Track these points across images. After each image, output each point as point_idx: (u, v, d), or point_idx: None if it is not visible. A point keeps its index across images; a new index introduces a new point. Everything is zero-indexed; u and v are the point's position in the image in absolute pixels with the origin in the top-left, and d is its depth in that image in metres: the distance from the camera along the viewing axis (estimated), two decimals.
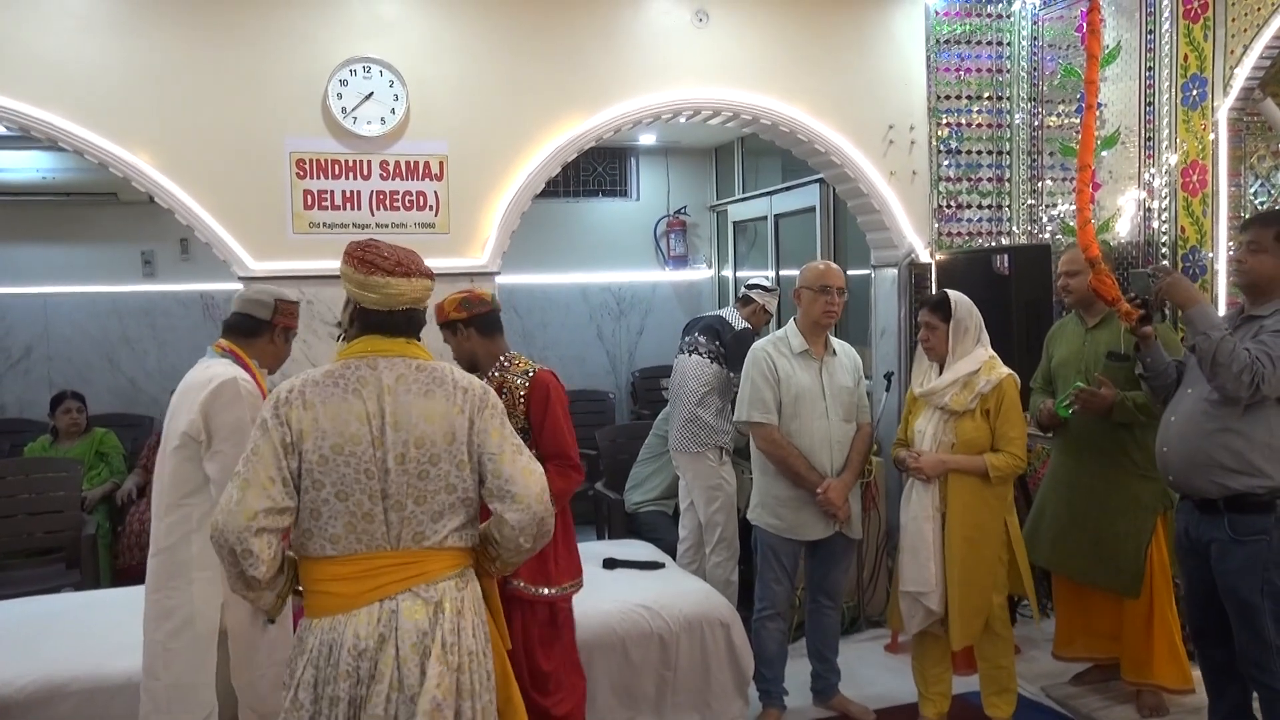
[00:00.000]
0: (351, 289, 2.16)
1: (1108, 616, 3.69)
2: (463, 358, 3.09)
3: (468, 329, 3.05)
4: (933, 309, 3.40)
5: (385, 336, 2.15)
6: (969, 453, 3.31)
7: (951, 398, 3.31)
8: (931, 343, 3.39)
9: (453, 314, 3.06)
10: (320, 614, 2.02)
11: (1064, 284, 3.76)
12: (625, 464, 5.18)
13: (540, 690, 3.00)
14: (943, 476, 3.32)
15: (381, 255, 2.16)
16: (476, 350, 3.07)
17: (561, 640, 3.08)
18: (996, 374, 3.31)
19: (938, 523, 3.32)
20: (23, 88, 3.80)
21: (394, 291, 2.15)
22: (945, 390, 3.32)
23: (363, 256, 2.14)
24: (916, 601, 3.36)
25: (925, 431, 3.37)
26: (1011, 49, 4.96)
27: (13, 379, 6.62)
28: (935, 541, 3.32)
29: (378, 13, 4.19)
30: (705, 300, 7.76)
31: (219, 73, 4.02)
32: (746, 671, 3.57)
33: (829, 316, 3.58)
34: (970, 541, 3.31)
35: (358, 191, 4.20)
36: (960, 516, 3.31)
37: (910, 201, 4.89)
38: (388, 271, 2.14)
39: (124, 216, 6.60)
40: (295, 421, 2.00)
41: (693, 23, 4.56)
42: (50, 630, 3.20)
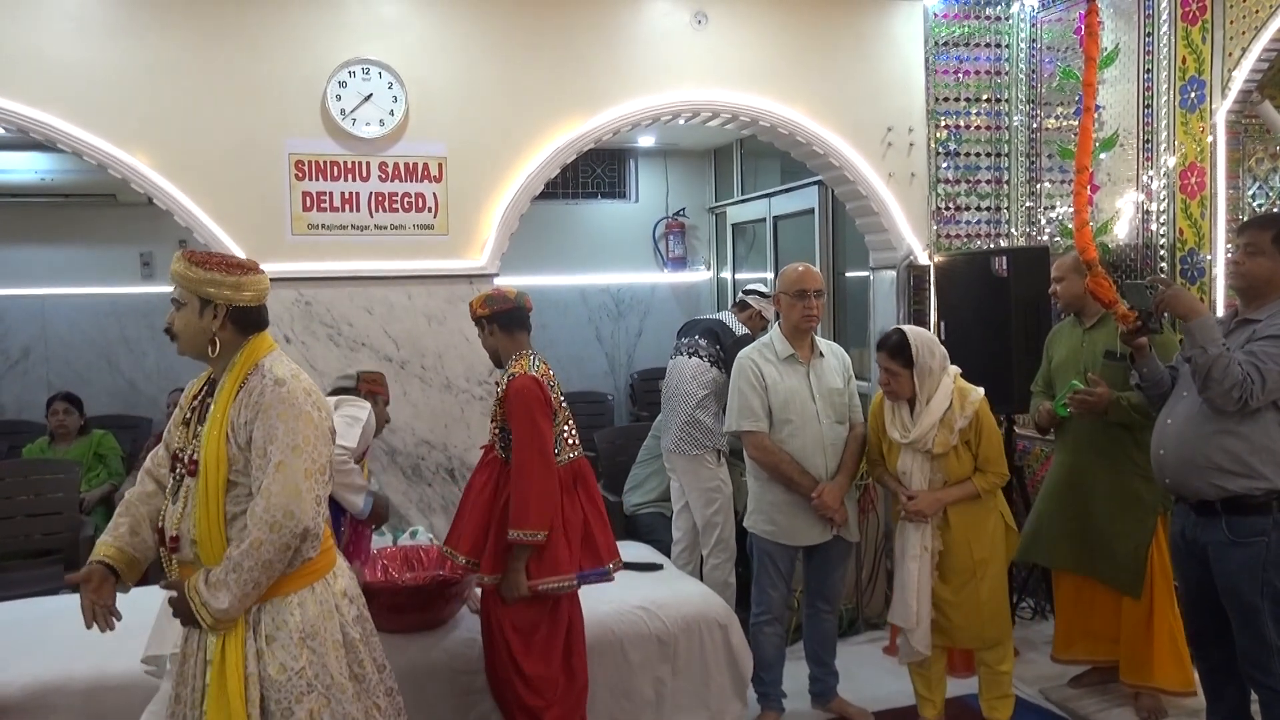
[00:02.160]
0: (224, 292, 2.24)
1: (1108, 618, 3.69)
2: (490, 352, 3.21)
3: (491, 324, 3.15)
4: (891, 355, 3.29)
5: (263, 333, 2.33)
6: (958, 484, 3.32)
7: (935, 441, 3.27)
8: (894, 388, 3.30)
9: (479, 310, 3.17)
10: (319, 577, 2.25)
11: (1053, 289, 3.78)
12: (624, 466, 5.18)
13: (530, 691, 2.99)
14: (937, 514, 3.31)
15: (230, 257, 2.34)
16: (499, 345, 3.16)
17: (550, 641, 3.04)
18: (970, 403, 3.26)
19: (925, 561, 3.32)
20: (21, 89, 3.81)
21: (264, 287, 2.31)
22: (926, 435, 3.27)
23: (222, 260, 2.28)
24: (906, 636, 3.40)
25: (911, 473, 3.33)
26: (1010, 51, 4.96)
27: (11, 380, 6.63)
28: (921, 580, 3.31)
29: (377, 14, 4.19)
30: (704, 302, 7.77)
31: (218, 74, 4.02)
32: (745, 673, 3.57)
33: (808, 321, 3.56)
34: (985, 578, 3.32)
35: (356, 193, 4.20)
36: (969, 553, 3.31)
37: (909, 203, 4.89)
38: (253, 269, 2.30)
39: (122, 218, 6.60)
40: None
41: (692, 24, 4.57)
42: (48, 631, 3.19)
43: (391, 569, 3.50)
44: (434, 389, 4.30)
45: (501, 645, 3.00)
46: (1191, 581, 3.03)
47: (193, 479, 2.20)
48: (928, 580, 3.32)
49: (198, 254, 2.27)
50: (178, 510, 2.23)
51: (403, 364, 4.27)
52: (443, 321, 4.28)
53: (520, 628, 2.99)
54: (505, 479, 3.00)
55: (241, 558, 2.12)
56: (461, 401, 4.35)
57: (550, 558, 2.96)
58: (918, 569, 3.31)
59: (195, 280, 2.23)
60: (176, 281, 2.26)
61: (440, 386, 4.31)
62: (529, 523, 2.89)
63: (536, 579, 2.95)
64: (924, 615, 3.31)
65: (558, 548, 2.97)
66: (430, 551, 3.58)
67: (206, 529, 2.17)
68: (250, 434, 2.18)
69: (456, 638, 3.27)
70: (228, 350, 2.25)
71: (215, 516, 2.17)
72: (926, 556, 3.31)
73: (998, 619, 3.38)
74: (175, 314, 2.28)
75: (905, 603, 3.34)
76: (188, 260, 2.25)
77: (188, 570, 2.22)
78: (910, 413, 3.32)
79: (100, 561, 2.30)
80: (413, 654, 3.18)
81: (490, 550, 2.98)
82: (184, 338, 2.27)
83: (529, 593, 2.94)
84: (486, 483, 3.04)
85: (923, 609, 3.31)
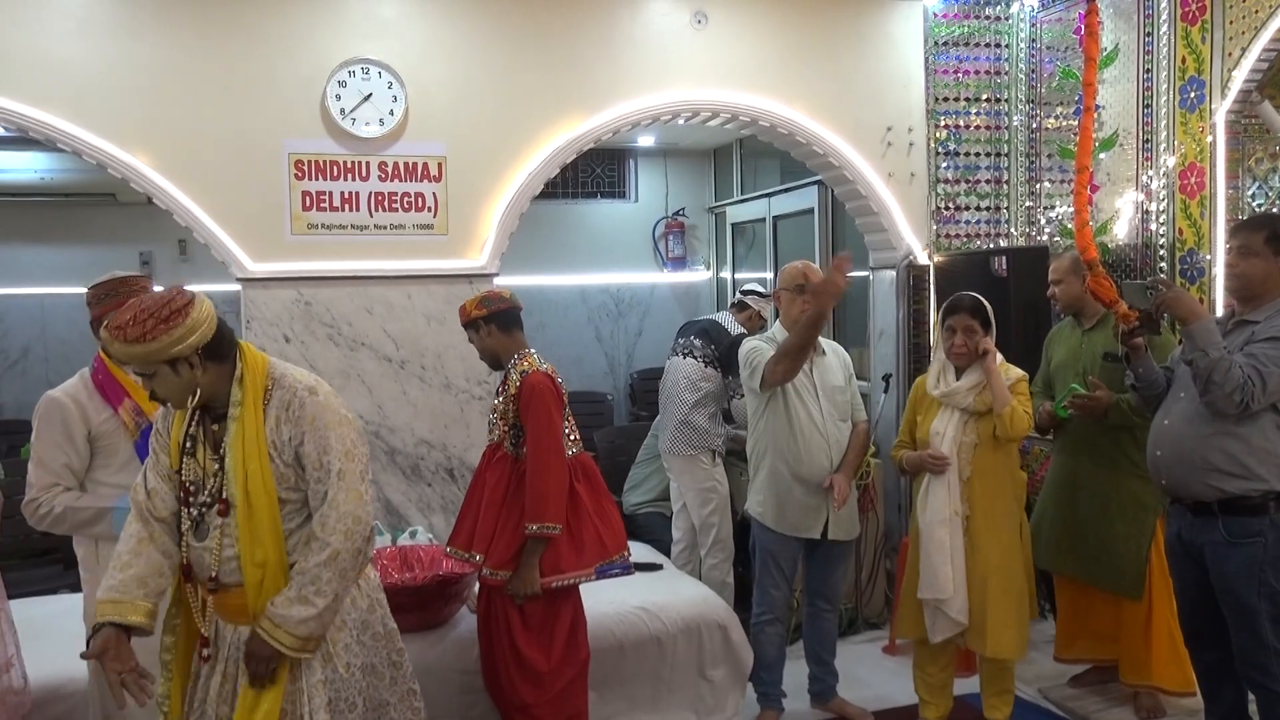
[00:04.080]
0: (186, 343, 2.11)
1: (1108, 618, 3.69)
2: (486, 354, 3.20)
3: (489, 325, 3.16)
4: (973, 313, 3.31)
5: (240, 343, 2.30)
6: (992, 450, 3.30)
7: (975, 399, 3.29)
8: (970, 346, 3.30)
9: (474, 312, 3.16)
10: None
11: (1051, 291, 3.77)
12: (623, 465, 5.18)
13: (528, 685, 3.01)
14: (963, 479, 3.30)
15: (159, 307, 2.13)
16: (497, 346, 3.18)
17: (553, 634, 3.06)
18: (1011, 374, 3.31)
19: (956, 526, 3.29)
20: (21, 88, 3.80)
21: (211, 310, 2.21)
22: (968, 392, 3.30)
23: (157, 317, 2.10)
24: (938, 610, 3.31)
25: (944, 433, 3.32)
26: (1010, 51, 4.96)
27: (10, 380, 6.63)
28: (954, 545, 3.27)
29: (376, 14, 4.19)
30: (704, 302, 7.77)
31: (218, 73, 4.02)
32: (744, 673, 3.57)
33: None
34: (1006, 546, 3.31)
35: (356, 193, 4.20)
36: (994, 518, 3.30)
37: (909, 203, 4.89)
38: (189, 303, 2.16)
39: (122, 217, 6.60)
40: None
41: (691, 24, 4.57)
42: (48, 631, 3.19)
43: (391, 569, 3.50)
44: (433, 389, 4.30)
45: (504, 638, 3.02)
46: (1188, 582, 3.03)
47: (225, 518, 2.17)
48: (960, 545, 3.28)
49: (129, 329, 2.07)
50: (212, 546, 2.18)
51: (402, 364, 4.27)
52: (442, 321, 4.28)
53: (527, 622, 3.01)
54: (516, 475, 3.03)
55: (319, 570, 2.11)
56: (461, 401, 4.35)
57: (554, 555, 3.00)
58: (949, 535, 3.27)
59: (152, 353, 2.08)
60: (132, 362, 2.14)
61: (440, 386, 4.31)
62: (547, 515, 2.94)
63: (547, 576, 2.99)
64: (960, 582, 3.26)
65: (562, 544, 3.01)
66: (429, 551, 3.58)
67: (264, 555, 2.14)
68: (297, 449, 2.16)
69: (456, 637, 3.28)
70: (219, 382, 2.18)
71: (274, 542, 2.15)
72: (958, 521, 3.28)
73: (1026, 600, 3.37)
74: (152, 383, 2.15)
75: (936, 571, 3.26)
76: (128, 340, 2.06)
77: (232, 604, 2.19)
78: (956, 376, 3.35)
79: (110, 624, 2.11)
80: (412, 653, 3.13)
81: (501, 545, 2.99)
82: (175, 399, 2.17)
83: (540, 590, 2.97)
84: (499, 481, 3.06)
85: (958, 575, 3.26)
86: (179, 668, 2.26)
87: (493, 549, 3.00)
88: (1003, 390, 3.24)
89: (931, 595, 3.29)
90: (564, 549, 3.02)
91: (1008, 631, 3.30)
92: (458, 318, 3.26)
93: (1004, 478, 3.35)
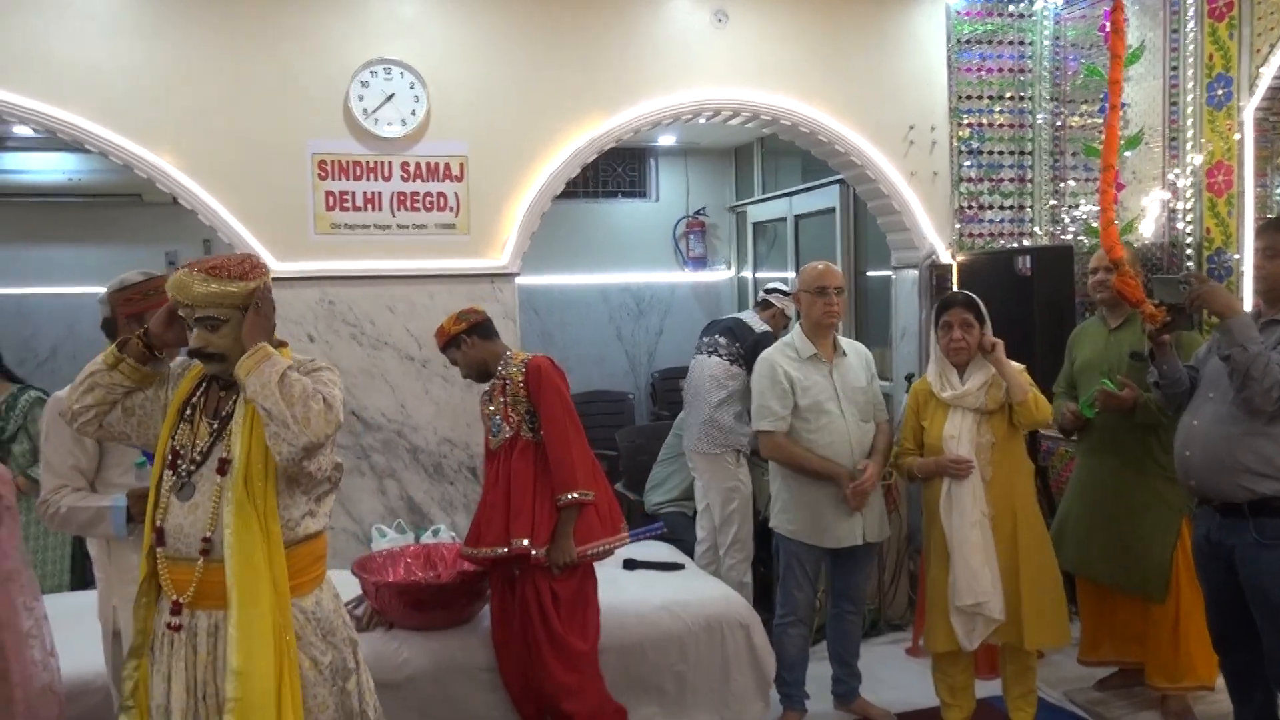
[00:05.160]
0: (267, 287, 2.21)
1: (1134, 620, 3.65)
2: (473, 366, 3.30)
3: (471, 337, 3.27)
4: (967, 306, 3.33)
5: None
6: (1007, 447, 3.29)
7: (987, 397, 3.28)
8: (968, 341, 3.30)
9: (454, 328, 3.27)
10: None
11: (1100, 279, 3.66)
12: (645, 464, 5.18)
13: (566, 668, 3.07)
14: (986, 480, 3.28)
15: (233, 256, 2.22)
16: (484, 354, 3.29)
17: (589, 615, 3.16)
18: (1016, 365, 3.30)
19: (986, 527, 3.26)
20: (48, 89, 3.85)
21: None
22: (979, 392, 3.29)
23: (241, 263, 2.18)
24: (975, 615, 3.26)
25: (960, 436, 3.29)
26: (1034, 49, 4.92)
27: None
28: (988, 547, 3.25)
29: (398, 14, 4.21)
30: (724, 301, 7.76)
31: (242, 74, 4.05)
32: (767, 673, 3.56)
33: (829, 317, 3.56)
34: (1038, 538, 3.30)
35: (379, 192, 4.22)
36: (1020, 514, 3.28)
37: (931, 202, 4.87)
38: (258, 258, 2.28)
39: (148, 218, 6.67)
40: None
41: (712, 23, 4.56)
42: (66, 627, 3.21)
43: (415, 567, 3.52)
44: (455, 388, 4.32)
45: (539, 624, 3.06)
46: (1217, 585, 3.00)
47: (223, 476, 2.12)
48: (992, 544, 3.25)
49: (230, 266, 2.12)
50: (205, 508, 2.13)
51: (424, 363, 4.29)
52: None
53: (559, 604, 3.08)
54: (542, 458, 3.12)
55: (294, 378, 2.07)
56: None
57: (585, 524, 3.10)
58: (981, 535, 3.24)
59: (236, 293, 2.10)
60: (211, 302, 2.10)
61: (462, 385, 4.32)
62: (578, 483, 3.06)
63: (581, 545, 3.08)
64: (997, 581, 3.24)
65: (591, 514, 3.12)
66: (452, 549, 3.59)
67: (257, 524, 2.08)
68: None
69: (482, 635, 3.29)
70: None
71: (268, 510, 2.11)
72: (986, 522, 3.26)
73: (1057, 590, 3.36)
74: (210, 335, 2.11)
75: (974, 574, 3.21)
76: (231, 276, 2.10)
77: (211, 581, 2.10)
78: (959, 377, 3.34)
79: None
80: (436, 651, 3.20)
81: (543, 524, 3.06)
82: (236, 355, 2.12)
83: (577, 559, 3.05)
84: (526, 467, 3.13)
85: (995, 574, 3.24)
86: (146, 654, 2.19)
87: (536, 529, 3.05)
88: (1018, 379, 3.23)
89: (972, 600, 3.23)
90: (593, 518, 3.12)
91: (1044, 621, 3.28)
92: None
93: (1021, 471, 3.35)
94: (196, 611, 2.13)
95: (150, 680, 2.18)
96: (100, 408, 2.19)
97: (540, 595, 3.07)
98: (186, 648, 2.13)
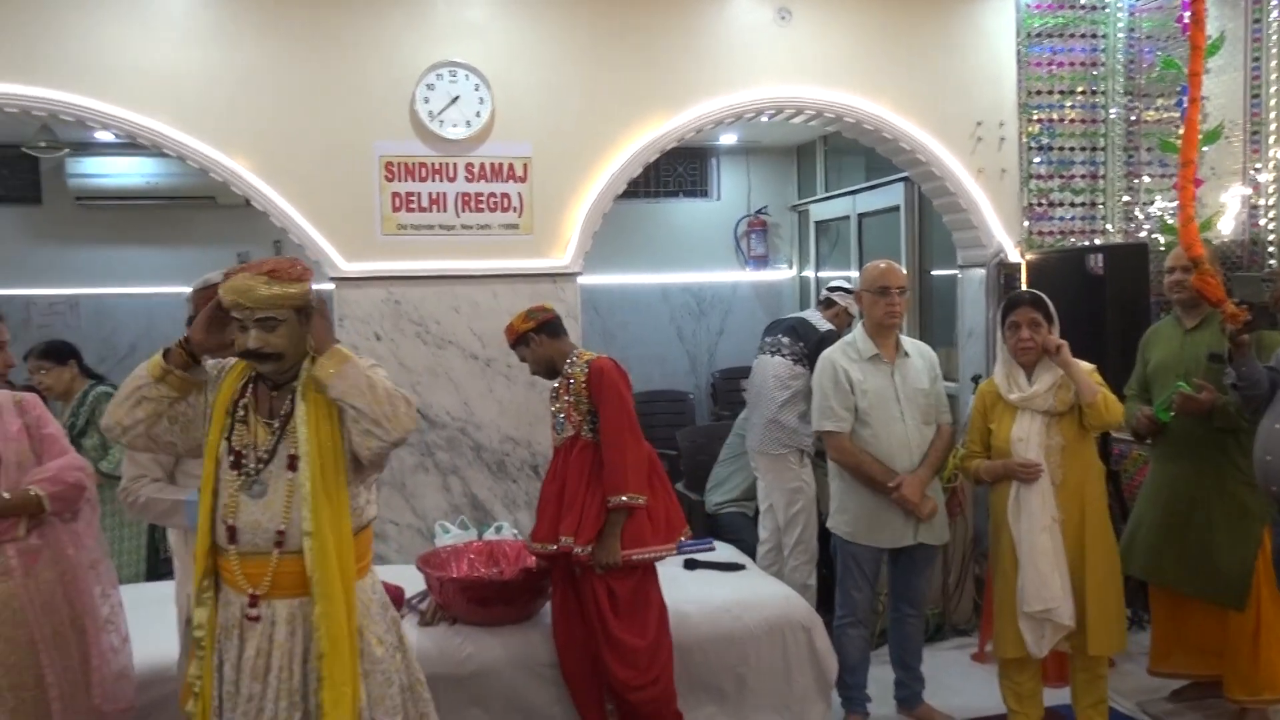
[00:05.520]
0: (313, 293, 2.29)
1: (1209, 630, 3.54)
2: (541, 364, 3.31)
3: (539, 335, 3.28)
4: (1035, 305, 3.26)
5: None
6: (1077, 449, 3.22)
7: (1056, 399, 3.21)
8: (1036, 340, 3.23)
9: (523, 326, 3.29)
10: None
11: (1178, 278, 3.54)
12: (705, 465, 5.17)
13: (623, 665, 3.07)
14: (1056, 484, 3.21)
15: (282, 260, 2.28)
16: (551, 353, 3.29)
17: (645, 614, 3.15)
18: (1083, 364, 3.21)
19: (1056, 532, 3.19)
20: (131, 97, 3.97)
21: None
22: (1048, 394, 3.22)
23: (292, 266, 2.25)
24: (1044, 621, 3.20)
25: (1028, 440, 3.22)
26: (1107, 41, 4.80)
27: (118, 375, 6.80)
28: (1058, 551, 3.18)
29: (464, 17, 4.26)
30: (786, 301, 7.71)
31: (313, 79, 4.14)
32: (829, 676, 3.53)
33: (891, 318, 3.52)
34: (1105, 543, 3.23)
35: (444, 193, 4.28)
36: (1088, 517, 3.21)
37: (999, 199, 4.78)
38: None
39: (221, 219, 6.85)
40: None
41: (775, 21, 4.53)
42: (145, 617, 3.31)
43: (478, 564, 3.56)
44: (519, 386, 4.36)
45: (597, 623, 3.09)
46: None
47: (293, 472, 2.20)
48: (1063, 549, 3.18)
49: (287, 269, 2.21)
50: (278, 504, 2.20)
51: (488, 361, 4.34)
52: None
53: (616, 604, 3.09)
54: (598, 459, 3.13)
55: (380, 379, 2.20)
56: (545, 399, 4.38)
57: (636, 529, 3.09)
58: (1051, 540, 3.17)
59: (296, 294, 2.19)
60: (273, 304, 2.17)
61: (525, 384, 4.36)
62: (629, 486, 3.05)
63: (629, 549, 3.08)
64: (1067, 587, 3.17)
65: (643, 519, 3.11)
66: (515, 546, 3.63)
67: (330, 515, 2.18)
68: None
69: (544, 631, 3.31)
70: (301, 344, 2.25)
71: (341, 501, 2.21)
72: (1056, 527, 3.18)
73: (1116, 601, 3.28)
74: (269, 336, 2.18)
75: (1044, 580, 3.15)
76: (290, 279, 2.18)
77: (287, 571, 2.19)
78: (1027, 378, 3.28)
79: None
80: (499, 646, 3.23)
81: (589, 523, 3.08)
82: (291, 354, 2.23)
83: (620, 561, 3.05)
84: (582, 467, 3.15)
85: (1065, 580, 3.17)
86: (211, 645, 2.23)
87: (582, 527, 3.07)
88: (1086, 379, 3.15)
89: (1042, 606, 3.16)
90: (644, 524, 3.12)
91: (1109, 627, 3.22)
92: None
93: (1091, 475, 3.27)
94: (273, 602, 2.22)
95: (215, 672, 2.24)
96: (149, 420, 2.24)
97: (597, 594, 3.09)
98: (261, 637, 2.21)
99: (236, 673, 2.21)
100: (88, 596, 2.75)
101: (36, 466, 2.73)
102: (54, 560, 2.70)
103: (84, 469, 2.80)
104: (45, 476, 2.69)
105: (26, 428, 2.77)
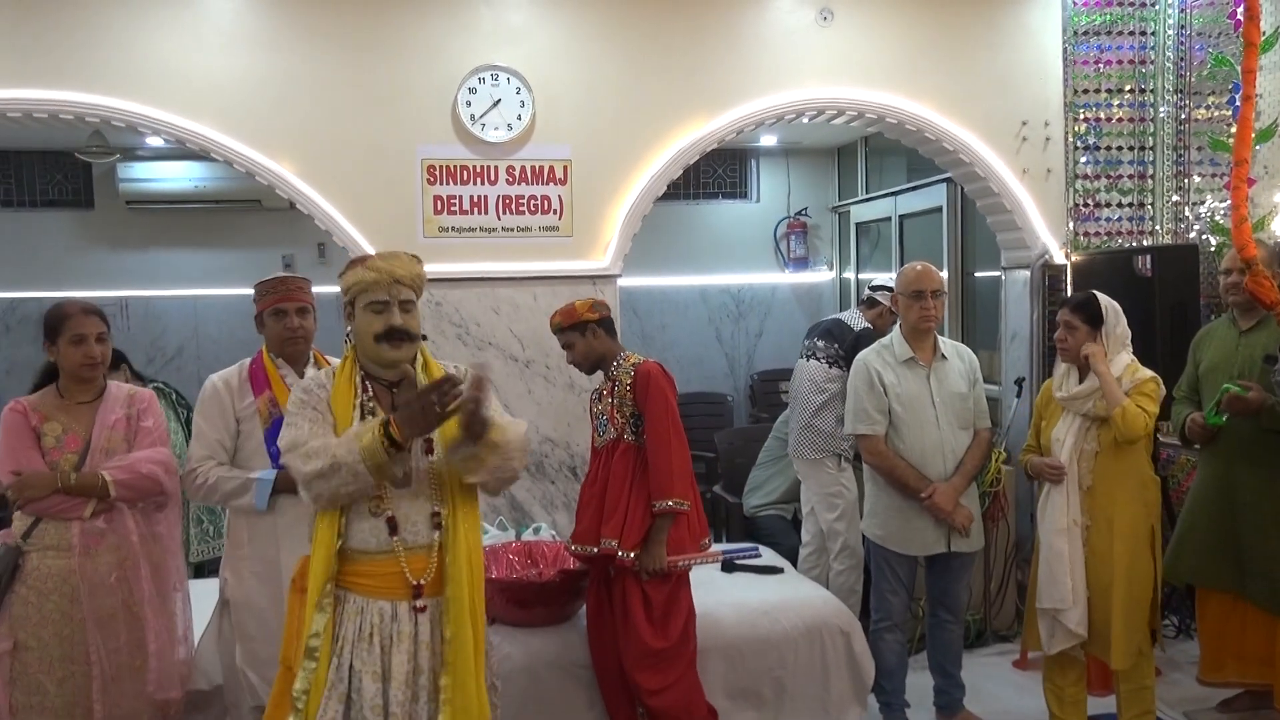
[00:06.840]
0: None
1: (1261, 639, 3.46)
2: (590, 357, 3.29)
3: (597, 328, 3.26)
4: (1074, 309, 3.24)
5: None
6: (1115, 458, 3.15)
7: (1095, 403, 3.16)
8: (1068, 344, 3.23)
9: (586, 314, 3.26)
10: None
11: (1233, 280, 3.47)
12: (744, 467, 5.15)
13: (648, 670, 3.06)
14: (1084, 489, 3.18)
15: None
16: (603, 350, 3.28)
17: (673, 619, 3.13)
18: (1139, 376, 3.15)
19: (1075, 536, 3.16)
20: (179, 103, 4.05)
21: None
22: (1088, 397, 3.17)
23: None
24: (1056, 620, 3.19)
25: (1064, 440, 3.21)
26: (1156, 39, 4.71)
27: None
28: (1073, 556, 3.15)
29: (506, 21, 4.29)
30: (826, 303, 7.66)
31: (356, 84, 4.19)
32: (867, 680, 3.50)
33: (926, 322, 3.49)
34: (1133, 554, 3.15)
35: (485, 196, 4.31)
36: (1117, 527, 3.15)
37: (1044, 200, 4.71)
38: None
39: (266, 222, 6.97)
40: None
41: (816, 21, 4.51)
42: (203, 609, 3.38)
43: (516, 565, 3.58)
44: (557, 388, 4.37)
45: (627, 626, 3.09)
46: None
47: (430, 455, 2.25)
48: (1080, 553, 3.16)
49: (405, 253, 2.33)
50: (424, 493, 2.23)
51: (528, 363, 4.36)
52: None
53: (649, 609, 3.09)
54: (641, 462, 3.13)
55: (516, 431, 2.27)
56: (584, 401, 4.39)
57: (676, 536, 3.09)
58: (1066, 545, 3.15)
59: (424, 278, 2.31)
60: (418, 283, 2.29)
61: (564, 386, 4.38)
62: (674, 491, 3.05)
63: (671, 556, 3.07)
64: (1080, 590, 3.14)
65: (683, 527, 3.11)
66: (553, 547, 3.64)
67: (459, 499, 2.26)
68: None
69: (582, 632, 3.32)
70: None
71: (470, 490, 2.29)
72: (1076, 531, 3.16)
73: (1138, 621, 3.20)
74: (409, 317, 2.26)
75: (1056, 580, 3.15)
76: (416, 260, 2.30)
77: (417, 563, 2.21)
78: (1078, 379, 3.24)
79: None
80: (537, 647, 3.25)
81: (634, 527, 3.08)
82: (415, 331, 2.30)
83: (666, 567, 3.04)
84: (626, 469, 3.15)
85: (1078, 584, 3.14)
86: (326, 654, 2.14)
87: (626, 532, 3.07)
88: (1113, 388, 3.09)
89: (1050, 604, 3.19)
90: (684, 531, 3.12)
91: (1133, 642, 3.16)
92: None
93: (1131, 485, 3.18)
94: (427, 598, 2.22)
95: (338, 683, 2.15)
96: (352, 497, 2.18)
97: (629, 597, 3.09)
98: (410, 639, 2.19)
99: (382, 682, 2.15)
100: (149, 585, 2.81)
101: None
102: (116, 546, 2.78)
103: (164, 464, 2.85)
104: (120, 464, 2.78)
105: (128, 419, 2.86)
